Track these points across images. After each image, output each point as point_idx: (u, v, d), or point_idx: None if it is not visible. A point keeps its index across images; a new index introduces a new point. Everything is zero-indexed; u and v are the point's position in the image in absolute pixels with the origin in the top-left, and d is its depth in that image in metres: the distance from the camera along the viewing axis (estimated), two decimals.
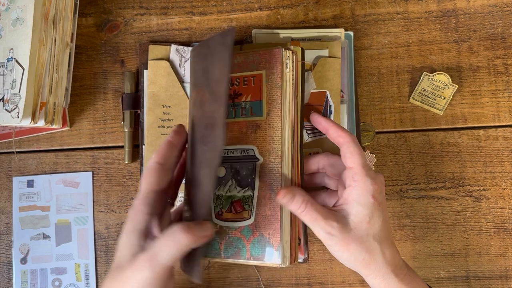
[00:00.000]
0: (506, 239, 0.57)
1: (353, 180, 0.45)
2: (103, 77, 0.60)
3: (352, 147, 0.46)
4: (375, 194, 0.44)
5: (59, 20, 0.55)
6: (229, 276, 0.57)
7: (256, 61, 0.50)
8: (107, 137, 0.60)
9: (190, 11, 0.61)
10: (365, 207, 0.44)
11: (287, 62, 0.48)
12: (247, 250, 0.47)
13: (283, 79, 0.48)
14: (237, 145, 0.49)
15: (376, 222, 0.44)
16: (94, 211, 0.59)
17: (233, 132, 0.49)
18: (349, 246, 0.43)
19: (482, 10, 0.59)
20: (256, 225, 0.47)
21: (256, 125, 0.49)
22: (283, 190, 0.45)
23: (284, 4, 0.60)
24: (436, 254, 0.57)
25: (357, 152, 0.45)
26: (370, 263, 0.44)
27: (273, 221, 0.47)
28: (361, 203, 0.44)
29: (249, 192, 0.48)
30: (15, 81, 0.52)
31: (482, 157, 0.58)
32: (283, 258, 0.46)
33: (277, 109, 0.48)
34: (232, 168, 0.49)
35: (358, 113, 0.57)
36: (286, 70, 0.48)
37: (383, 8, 0.60)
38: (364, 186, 0.44)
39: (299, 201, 0.44)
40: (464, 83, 0.58)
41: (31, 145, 0.60)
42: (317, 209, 0.44)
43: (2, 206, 0.60)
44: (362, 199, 0.44)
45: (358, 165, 0.45)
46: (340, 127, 0.47)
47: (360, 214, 0.44)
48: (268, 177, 0.47)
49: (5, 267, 0.59)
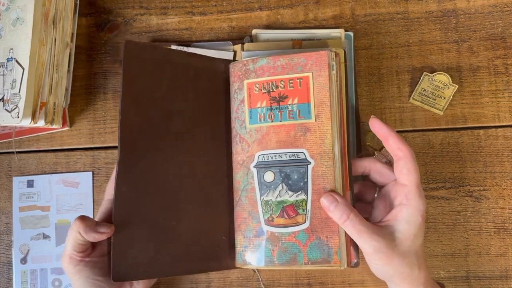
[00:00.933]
0: (506, 239, 0.57)
1: (406, 198, 0.45)
2: (103, 77, 0.60)
3: (410, 164, 0.45)
4: (423, 214, 0.45)
5: (59, 20, 0.55)
6: (229, 276, 0.57)
7: (302, 63, 0.49)
8: (107, 137, 0.60)
9: (190, 11, 0.61)
10: (413, 226, 0.45)
11: (333, 64, 0.49)
12: (304, 255, 0.47)
13: (331, 81, 0.48)
14: (286, 149, 0.49)
15: (418, 239, 0.45)
16: (94, 211, 0.59)
17: (280, 136, 0.49)
18: (393, 261, 0.44)
19: (482, 10, 0.59)
20: (312, 229, 0.47)
21: (305, 128, 0.48)
22: (325, 193, 0.46)
23: (284, 4, 0.60)
24: (436, 254, 0.57)
25: (415, 170, 0.45)
26: (407, 277, 0.45)
27: (330, 224, 0.47)
28: (410, 222, 0.45)
29: (302, 196, 0.47)
30: (15, 81, 0.52)
31: (482, 157, 0.58)
32: (343, 260, 0.46)
33: (326, 111, 0.48)
34: (282, 172, 0.48)
35: (358, 113, 0.57)
36: (333, 71, 0.48)
37: (383, 8, 0.60)
38: (417, 206, 0.45)
39: (340, 209, 0.45)
40: (464, 83, 0.58)
41: (31, 145, 0.60)
42: (362, 222, 0.44)
43: (2, 206, 0.60)
44: (412, 218, 0.45)
45: (413, 184, 0.45)
46: (400, 139, 0.46)
47: (407, 232, 0.44)
48: (321, 180, 0.47)
49: (5, 267, 0.59)
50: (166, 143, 0.51)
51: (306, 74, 0.49)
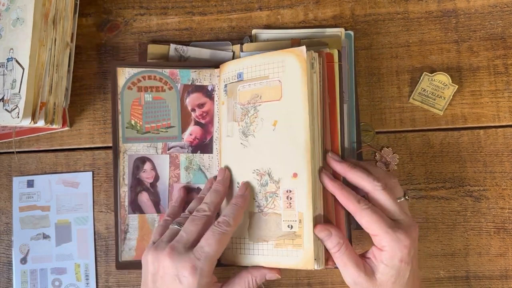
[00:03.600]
0: (506, 239, 0.57)
1: (381, 245, 0.45)
2: (103, 77, 0.60)
3: (366, 217, 0.45)
4: (403, 257, 0.44)
5: (59, 20, 0.55)
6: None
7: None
8: (107, 137, 0.60)
9: (190, 11, 0.61)
10: (392, 269, 0.45)
11: (313, 62, 0.49)
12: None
13: (310, 80, 0.48)
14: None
15: (401, 280, 0.45)
16: (94, 211, 0.59)
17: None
18: None
19: (482, 10, 0.59)
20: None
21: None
22: (321, 225, 0.47)
23: (284, 4, 0.60)
24: (436, 254, 0.57)
25: (375, 220, 0.45)
26: None
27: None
28: (388, 266, 0.45)
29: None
30: (15, 81, 0.52)
31: (482, 157, 0.58)
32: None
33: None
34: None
35: (358, 113, 0.57)
36: (313, 70, 0.48)
37: (383, 8, 0.60)
38: (392, 252, 0.44)
39: (334, 242, 0.46)
40: (464, 83, 0.58)
41: (31, 145, 0.60)
42: (350, 255, 0.45)
43: (2, 206, 0.60)
44: (390, 263, 0.45)
45: (381, 231, 0.44)
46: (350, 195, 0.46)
47: (387, 275, 0.45)
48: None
49: (5, 267, 0.59)
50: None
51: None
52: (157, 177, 0.56)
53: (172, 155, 0.56)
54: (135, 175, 0.55)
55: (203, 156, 0.56)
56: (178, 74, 0.56)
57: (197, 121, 0.56)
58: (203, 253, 0.44)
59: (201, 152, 0.56)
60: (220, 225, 0.46)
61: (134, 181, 0.55)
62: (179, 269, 0.43)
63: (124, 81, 0.56)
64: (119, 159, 0.55)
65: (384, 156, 0.57)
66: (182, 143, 0.56)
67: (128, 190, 0.55)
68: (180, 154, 0.56)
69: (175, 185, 0.56)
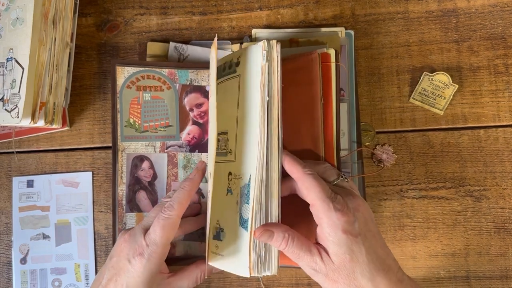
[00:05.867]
0: (506, 239, 0.56)
1: (318, 217, 0.42)
2: (103, 77, 0.60)
3: (307, 182, 0.43)
4: (345, 227, 0.41)
5: (59, 20, 0.55)
6: (229, 276, 0.57)
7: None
8: (107, 137, 0.60)
9: (190, 11, 0.61)
10: (340, 245, 0.41)
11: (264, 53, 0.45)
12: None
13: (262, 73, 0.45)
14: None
15: (359, 257, 0.41)
16: (94, 211, 0.59)
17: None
18: (338, 283, 0.41)
19: (482, 10, 0.59)
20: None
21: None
22: (259, 229, 0.43)
23: (284, 4, 0.60)
24: (437, 254, 0.57)
25: (314, 185, 0.42)
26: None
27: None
28: (334, 242, 0.41)
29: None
30: (15, 81, 0.52)
31: (482, 157, 0.58)
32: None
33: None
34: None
35: (358, 113, 0.57)
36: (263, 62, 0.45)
37: (383, 8, 0.60)
38: (330, 222, 0.41)
39: (279, 239, 0.42)
40: (465, 83, 0.58)
41: (31, 145, 0.60)
42: (300, 245, 0.42)
43: (2, 206, 0.60)
44: (333, 236, 0.41)
45: (318, 200, 0.42)
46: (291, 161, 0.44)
47: (339, 253, 0.41)
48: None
49: (5, 267, 0.59)
50: None
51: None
52: (155, 175, 0.56)
53: (170, 154, 0.56)
54: (133, 173, 0.56)
55: (200, 155, 0.56)
56: (177, 74, 0.56)
57: (195, 121, 0.56)
58: (149, 239, 0.47)
59: (199, 151, 0.56)
60: (164, 210, 0.47)
61: (132, 179, 0.55)
62: (131, 252, 0.47)
63: (123, 80, 0.56)
64: (117, 158, 0.55)
65: (379, 154, 0.56)
66: (180, 142, 0.56)
67: (126, 189, 0.55)
68: (178, 153, 0.56)
69: (173, 184, 0.56)
